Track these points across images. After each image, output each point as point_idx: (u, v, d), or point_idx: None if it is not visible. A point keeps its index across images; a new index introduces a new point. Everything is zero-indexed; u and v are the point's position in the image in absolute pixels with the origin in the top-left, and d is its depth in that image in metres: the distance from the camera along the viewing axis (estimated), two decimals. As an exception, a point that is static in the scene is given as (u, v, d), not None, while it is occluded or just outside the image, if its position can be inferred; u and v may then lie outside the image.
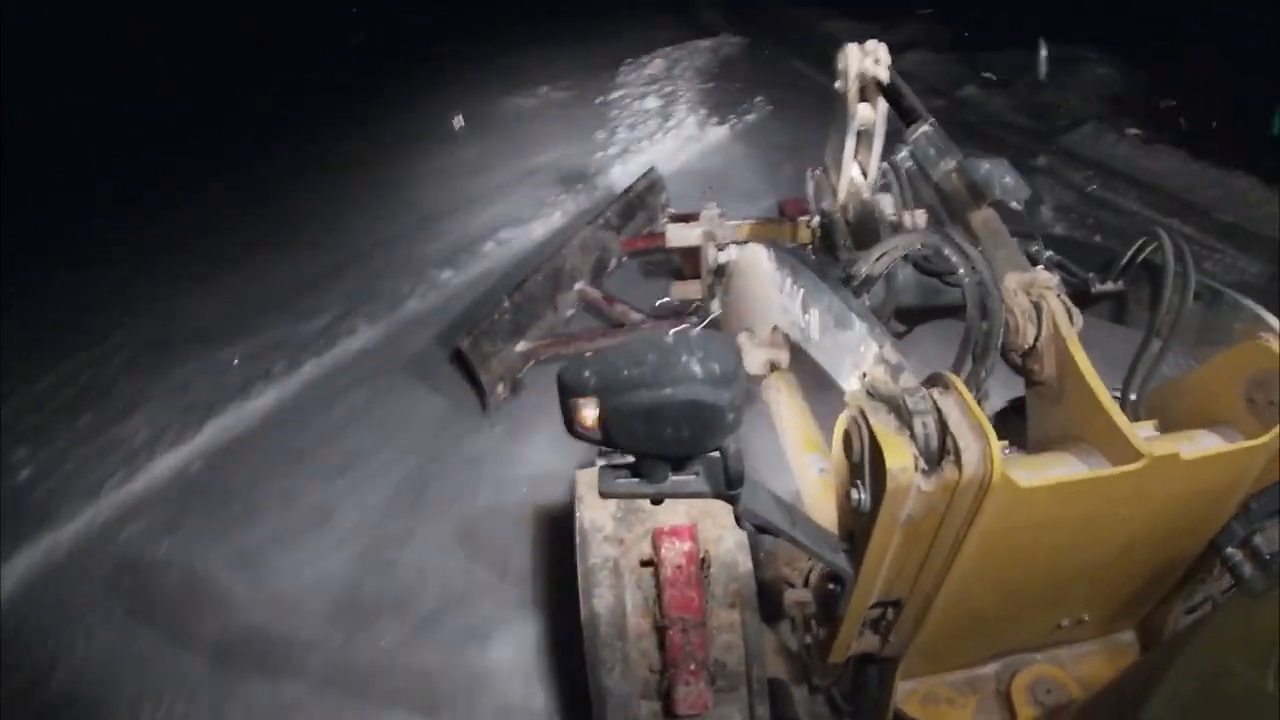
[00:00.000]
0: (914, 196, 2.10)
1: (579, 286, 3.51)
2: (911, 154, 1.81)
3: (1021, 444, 1.42)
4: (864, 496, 1.04)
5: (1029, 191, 1.54)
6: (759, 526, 1.01)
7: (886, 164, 2.17)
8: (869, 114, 2.16)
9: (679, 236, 3.08)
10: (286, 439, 3.24)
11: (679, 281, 3.22)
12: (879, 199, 2.19)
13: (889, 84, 2.02)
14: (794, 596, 1.51)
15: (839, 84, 2.14)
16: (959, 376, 1.14)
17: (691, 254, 3.06)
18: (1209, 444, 1.14)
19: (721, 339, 0.85)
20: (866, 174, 2.28)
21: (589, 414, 0.82)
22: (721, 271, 2.21)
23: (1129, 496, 1.09)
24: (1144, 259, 1.57)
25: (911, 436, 1.00)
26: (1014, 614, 1.31)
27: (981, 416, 0.99)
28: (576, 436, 0.85)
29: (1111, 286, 1.64)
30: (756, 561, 1.52)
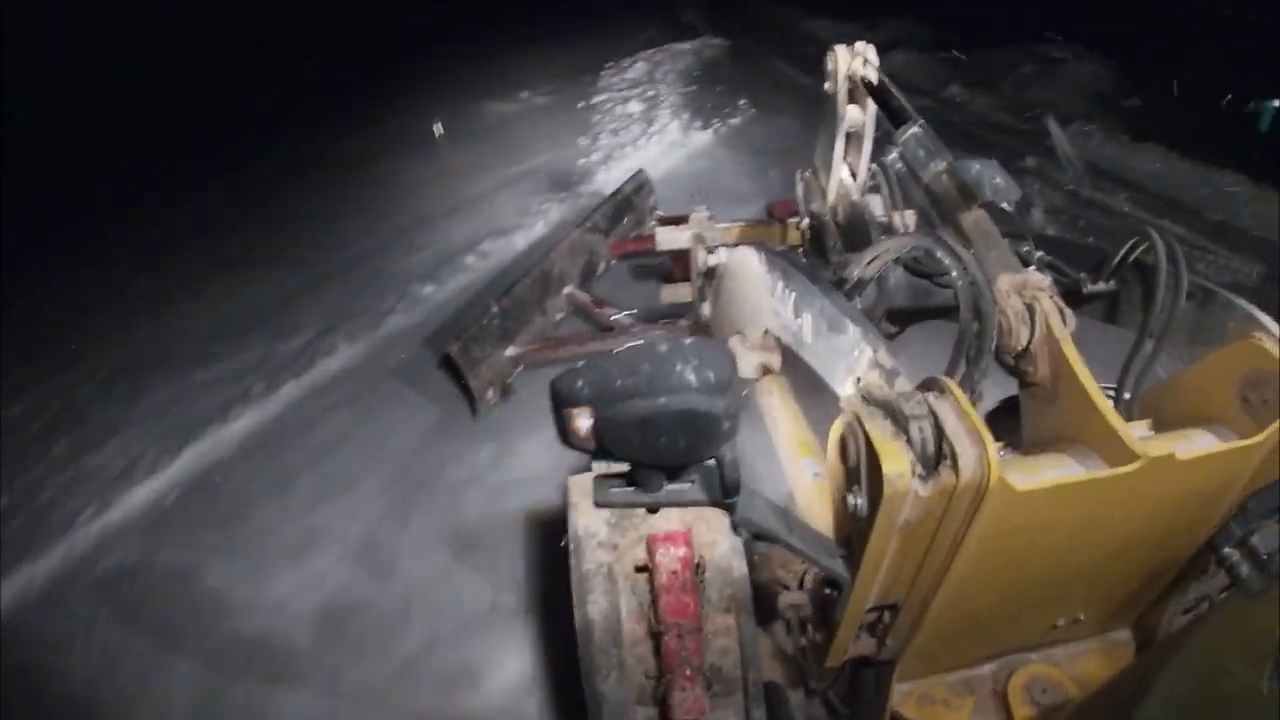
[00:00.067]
0: (904, 198, 2.10)
1: (568, 290, 3.48)
2: (901, 155, 1.80)
3: (1015, 443, 1.43)
4: (861, 502, 1.04)
5: (1020, 193, 1.54)
6: (756, 534, 1.01)
7: (876, 166, 2.18)
8: (858, 115, 2.17)
9: (668, 239, 3.08)
10: (269, 460, 3.15)
11: (669, 284, 3.22)
12: (869, 201, 2.20)
13: (878, 85, 2.02)
14: (789, 599, 1.50)
15: (828, 85, 2.15)
16: (953, 379, 1.14)
17: (681, 256, 3.06)
18: (1204, 444, 1.14)
19: (715, 346, 0.84)
20: (856, 176, 2.28)
21: (583, 424, 0.81)
22: (712, 274, 2.19)
23: (1125, 497, 1.09)
24: (1135, 259, 1.57)
25: (908, 442, 0.99)
26: (1011, 615, 1.31)
27: (978, 421, 0.99)
28: (571, 447, 0.84)
29: (1104, 287, 1.64)
30: (751, 565, 1.51)
